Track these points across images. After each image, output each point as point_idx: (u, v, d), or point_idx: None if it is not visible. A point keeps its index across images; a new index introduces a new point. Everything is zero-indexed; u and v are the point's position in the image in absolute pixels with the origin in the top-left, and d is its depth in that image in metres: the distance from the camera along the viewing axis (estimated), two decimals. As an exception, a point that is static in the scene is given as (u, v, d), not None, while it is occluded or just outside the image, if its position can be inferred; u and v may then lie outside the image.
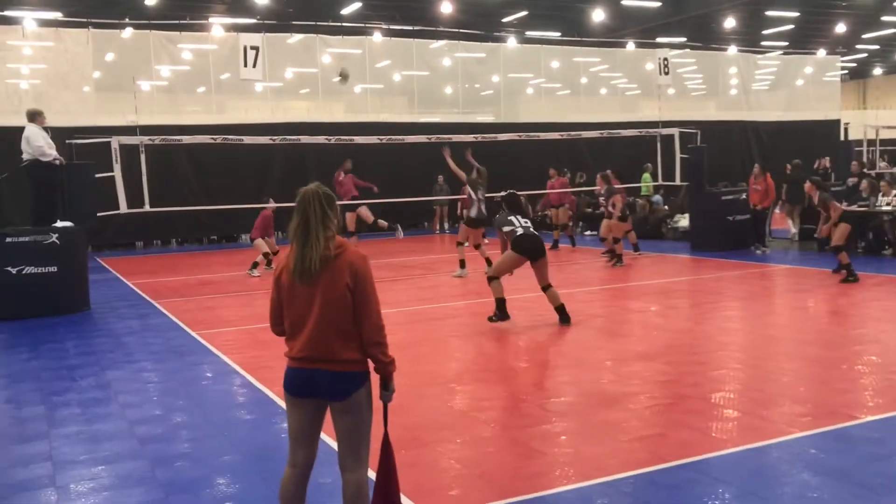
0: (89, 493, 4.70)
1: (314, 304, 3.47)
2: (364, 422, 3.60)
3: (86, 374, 7.58)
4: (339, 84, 14.10)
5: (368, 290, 3.50)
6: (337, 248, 3.49)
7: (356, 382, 3.54)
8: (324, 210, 3.52)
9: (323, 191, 3.58)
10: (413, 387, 6.83)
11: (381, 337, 3.53)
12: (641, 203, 20.07)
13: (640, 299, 10.88)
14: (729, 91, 29.85)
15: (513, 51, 26.03)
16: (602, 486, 4.51)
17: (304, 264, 3.46)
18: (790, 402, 5.99)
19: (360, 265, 3.51)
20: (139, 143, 13.73)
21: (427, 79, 24.89)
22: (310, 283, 3.47)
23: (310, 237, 3.47)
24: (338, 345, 3.48)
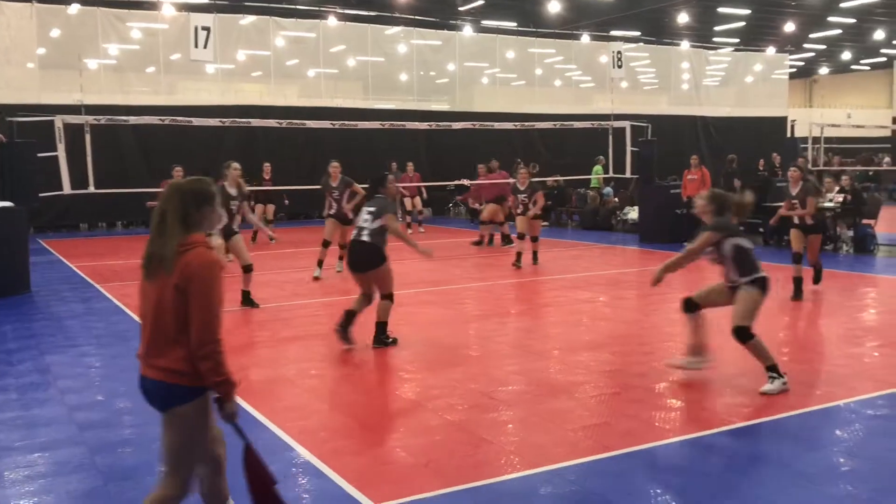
0: (24, 480, 4.58)
1: (151, 303, 3.28)
2: (182, 443, 3.31)
3: (24, 359, 7.39)
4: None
5: (201, 297, 3.17)
6: (182, 245, 3.23)
7: (176, 397, 3.25)
8: (184, 206, 3.28)
9: (191, 187, 3.36)
10: (362, 375, 6.81)
11: (210, 351, 3.16)
12: (592, 195, 20.26)
13: (588, 290, 10.99)
14: (681, 86, 30.28)
15: (469, 39, 26.01)
16: (547, 473, 4.54)
17: (151, 260, 3.28)
18: (732, 393, 6.11)
19: (195, 267, 3.19)
20: (84, 123, 13.40)
21: (382, 65, 24.74)
22: (154, 282, 3.26)
23: (163, 233, 3.26)
24: (164, 352, 3.23)
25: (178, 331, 3.21)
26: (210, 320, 3.19)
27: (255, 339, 8.19)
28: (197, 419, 3.29)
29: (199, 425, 3.31)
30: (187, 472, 3.38)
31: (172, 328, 3.21)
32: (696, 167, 15.87)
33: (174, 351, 3.22)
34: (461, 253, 15.19)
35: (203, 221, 3.35)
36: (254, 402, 5.95)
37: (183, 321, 3.20)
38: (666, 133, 21.67)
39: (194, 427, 3.30)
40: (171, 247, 3.22)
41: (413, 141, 22.96)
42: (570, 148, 23.94)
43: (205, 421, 3.33)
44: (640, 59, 28.74)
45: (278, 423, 5.49)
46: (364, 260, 7.30)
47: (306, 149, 21.22)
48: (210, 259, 3.25)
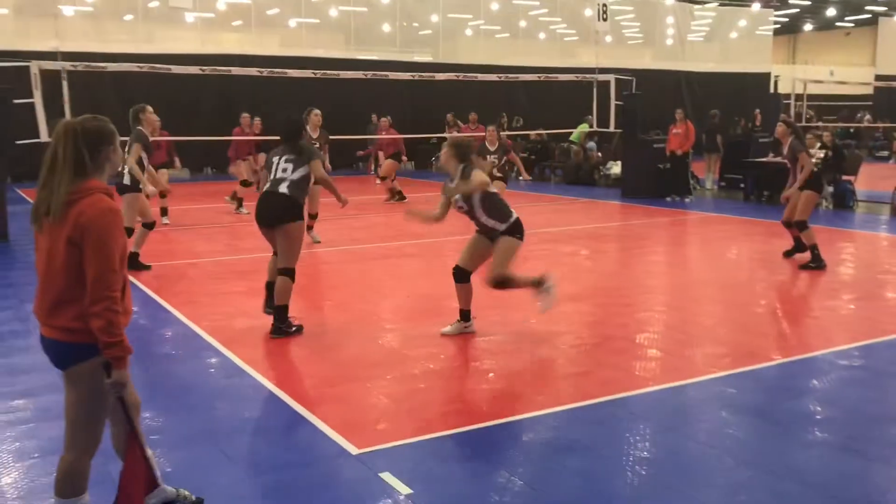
0: (6, 425, 4.58)
1: (42, 257, 3.04)
2: (84, 402, 3.08)
3: (4, 307, 7.35)
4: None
5: (96, 248, 2.91)
6: (74, 193, 2.95)
7: (76, 354, 3.02)
8: (77, 149, 2.98)
9: (84, 126, 3.03)
10: (345, 324, 6.83)
11: (104, 309, 2.88)
12: (575, 150, 20.22)
13: (571, 243, 11.03)
14: (665, 41, 30.09)
15: (453, -10, 25.63)
16: (529, 420, 4.61)
17: (39, 209, 3.00)
18: (711, 343, 6.19)
19: (90, 216, 2.92)
20: (61, 69, 13.14)
21: (364, 15, 24.37)
22: (42, 232, 3.02)
23: (53, 179, 2.97)
24: (57, 309, 2.99)
25: (72, 287, 2.96)
26: (105, 274, 2.92)
27: (236, 288, 8.17)
28: (95, 380, 3.04)
29: (99, 388, 3.05)
30: (86, 436, 3.14)
31: (66, 284, 2.97)
32: (681, 122, 15.86)
33: (70, 308, 2.98)
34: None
35: (103, 165, 3.08)
36: (236, 349, 5.97)
37: (77, 277, 2.95)
38: (650, 88, 21.59)
39: (96, 387, 3.05)
40: (60, 194, 2.94)
41: (396, 93, 22.73)
42: (553, 101, 23.82)
43: (102, 383, 3.06)
44: (625, 12, 28.48)
45: (261, 370, 5.52)
46: (277, 214, 6.30)
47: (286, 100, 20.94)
48: (107, 206, 2.98)
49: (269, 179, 6.43)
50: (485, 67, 22.71)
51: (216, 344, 6.16)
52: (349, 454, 4.15)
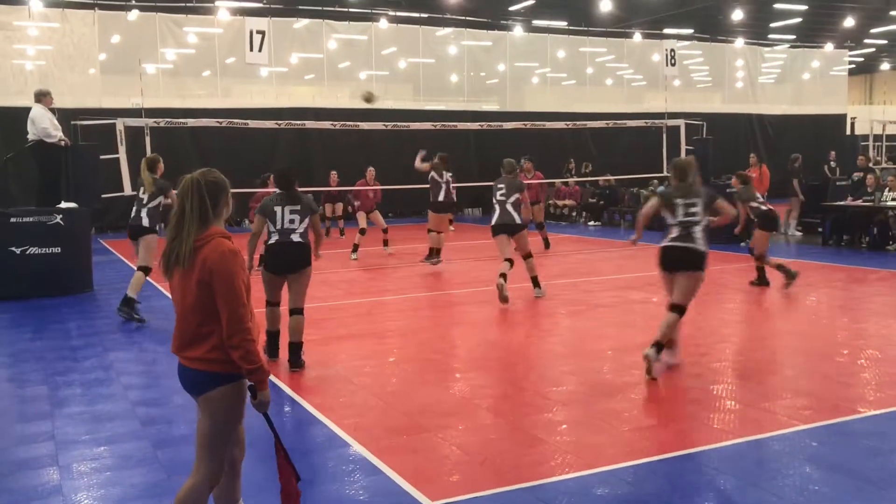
0: (92, 472, 4.72)
1: (177, 297, 3.38)
2: (213, 427, 3.39)
3: (89, 355, 7.60)
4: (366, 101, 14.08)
5: (225, 288, 3.23)
6: (199, 240, 3.29)
7: (208, 383, 3.34)
8: (202, 201, 3.32)
9: (207, 179, 3.37)
10: (416, 373, 6.84)
11: (240, 340, 3.22)
12: (646, 195, 20.01)
13: (641, 290, 10.87)
14: (735, 83, 29.75)
15: (519, 39, 25.94)
16: (603, 474, 4.52)
17: (170, 257, 3.33)
18: (792, 394, 5.99)
19: (214, 260, 3.25)
20: (144, 126, 13.73)
21: (433, 66, 24.82)
22: (178, 277, 3.34)
23: (181, 230, 3.31)
24: (193, 343, 3.33)
25: (204, 323, 3.29)
26: (237, 310, 3.24)
27: (309, 336, 8.28)
28: (230, 403, 3.37)
29: (232, 410, 3.39)
30: (218, 459, 3.44)
31: (200, 320, 3.29)
32: (755, 166, 15.58)
33: (204, 342, 3.30)
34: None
35: (222, 212, 3.41)
36: (309, 398, 6.04)
37: (209, 313, 3.27)
38: (720, 131, 21.31)
39: (228, 411, 3.38)
40: (189, 243, 3.28)
41: (464, 142, 23.00)
42: (622, 147, 23.72)
43: (238, 407, 3.41)
44: (693, 56, 28.32)
45: (334, 419, 5.56)
46: (296, 262, 6.78)
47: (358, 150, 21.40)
48: (227, 249, 3.29)
49: (277, 230, 6.78)
50: (552, 115, 22.82)
51: (288, 391, 6.25)
52: (422, 506, 4.13)
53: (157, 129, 14.78)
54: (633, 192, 20.79)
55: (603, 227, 20.19)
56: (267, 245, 6.89)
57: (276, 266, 6.85)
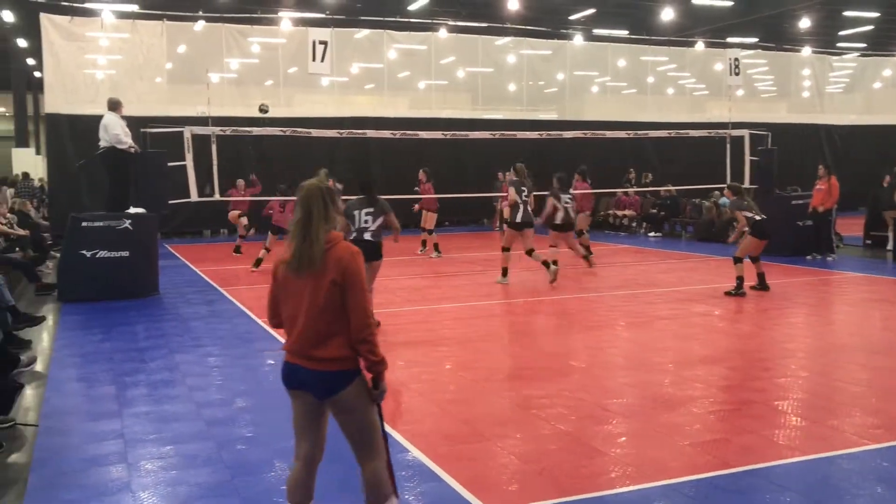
0: (159, 470, 4.85)
1: (304, 300, 3.46)
2: (363, 418, 3.56)
3: (155, 357, 7.81)
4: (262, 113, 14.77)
5: (356, 287, 3.44)
6: (327, 242, 3.47)
7: (341, 381, 3.48)
8: (325, 205, 3.51)
9: (326, 187, 3.59)
10: (473, 381, 6.85)
11: (368, 335, 3.44)
12: (708, 206, 19.72)
13: (703, 302, 10.70)
14: (801, 93, 29.06)
15: (579, 48, 25.77)
16: (664, 488, 4.46)
17: (301, 259, 3.45)
18: (861, 412, 5.82)
19: (348, 261, 3.45)
20: (211, 133, 14.04)
21: (491, 75, 24.84)
22: (303, 279, 3.46)
23: (309, 233, 3.46)
24: (323, 343, 3.45)
25: (336, 321, 3.45)
26: (365, 306, 3.46)
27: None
28: (362, 396, 3.53)
29: (366, 401, 3.55)
30: (377, 441, 3.61)
31: (332, 320, 3.44)
32: (824, 177, 15.14)
33: (335, 340, 3.45)
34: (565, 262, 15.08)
35: (335, 218, 3.59)
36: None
37: (338, 312, 3.44)
38: (786, 142, 20.84)
39: (364, 403, 3.55)
40: (320, 244, 3.45)
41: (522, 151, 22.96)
42: (683, 157, 23.37)
43: (368, 397, 3.56)
44: (758, 65, 27.74)
45: (392, 425, 5.59)
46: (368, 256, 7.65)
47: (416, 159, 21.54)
48: (355, 250, 3.52)
49: (354, 229, 8.09)
50: (612, 124, 22.60)
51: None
52: (481, 514, 4.14)
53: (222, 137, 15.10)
54: (695, 202, 20.48)
55: (664, 237, 19.93)
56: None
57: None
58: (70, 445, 5.32)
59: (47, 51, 19.30)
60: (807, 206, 15.36)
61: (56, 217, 18.34)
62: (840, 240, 16.41)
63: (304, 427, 3.63)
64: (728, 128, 17.91)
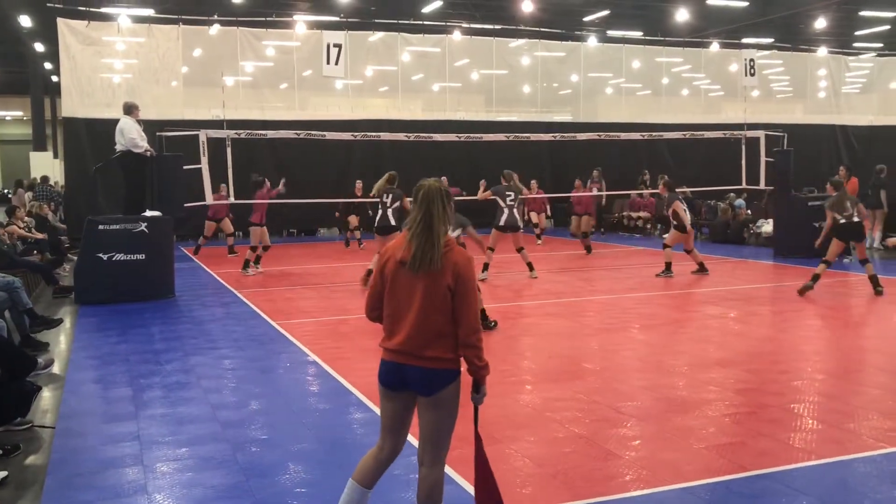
0: (174, 472, 4.87)
1: (415, 299, 3.51)
2: (447, 419, 3.62)
3: (171, 359, 7.85)
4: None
5: (468, 292, 3.50)
6: (444, 246, 3.52)
7: (445, 380, 3.55)
8: (445, 207, 3.57)
9: (444, 187, 3.63)
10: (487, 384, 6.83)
11: (477, 340, 3.50)
12: (724, 207, 19.62)
13: (719, 305, 10.64)
14: (817, 93, 28.84)
15: (593, 50, 25.71)
16: (679, 491, 4.44)
17: (424, 259, 3.48)
18: (878, 416, 5.77)
19: (463, 266, 3.51)
20: (226, 137, 14.11)
21: (505, 77, 24.82)
22: (417, 278, 3.50)
23: (431, 234, 3.50)
24: (432, 342, 3.50)
25: (447, 323, 3.50)
26: (476, 312, 3.52)
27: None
28: (456, 397, 3.62)
29: (456, 403, 3.63)
30: (446, 448, 3.67)
31: (443, 321, 3.49)
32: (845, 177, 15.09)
33: (443, 341, 3.51)
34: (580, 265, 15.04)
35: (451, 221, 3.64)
36: (383, 407, 6.09)
37: (450, 314, 3.49)
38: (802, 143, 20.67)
39: (454, 404, 3.62)
40: (440, 246, 3.49)
41: (537, 153, 22.94)
42: (698, 158, 23.26)
43: (457, 400, 3.63)
44: (774, 66, 27.57)
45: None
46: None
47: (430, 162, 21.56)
48: (470, 258, 3.58)
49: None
50: (626, 126, 22.55)
51: (364, 399, 6.33)
52: (494, 517, 4.13)
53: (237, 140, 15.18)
54: (711, 204, 20.37)
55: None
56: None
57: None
58: (87, 447, 5.35)
59: (64, 55, 19.46)
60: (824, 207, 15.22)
61: (73, 220, 18.50)
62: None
63: (394, 427, 3.71)
64: (743, 129, 17.83)
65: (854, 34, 31.27)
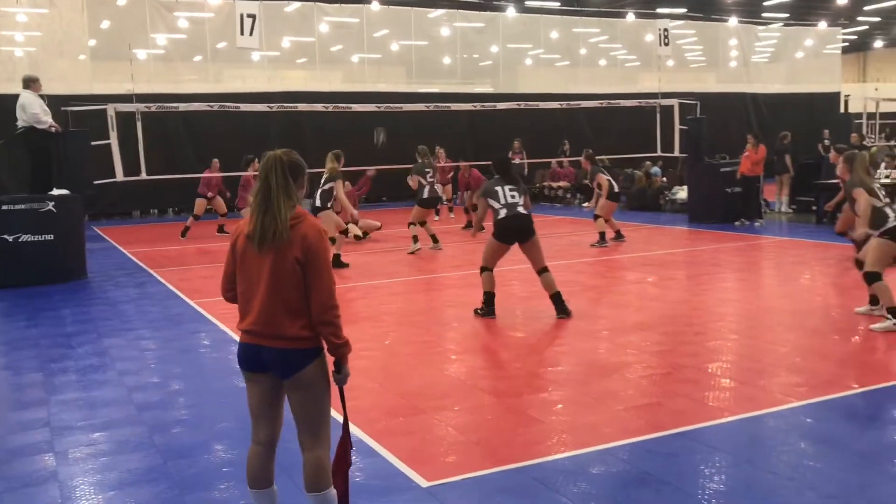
0: (87, 458, 4.72)
1: (263, 275, 3.32)
2: (317, 399, 3.44)
3: (83, 342, 7.59)
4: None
5: (320, 266, 3.30)
6: (293, 218, 3.32)
7: (303, 359, 3.37)
8: (286, 178, 3.34)
9: (288, 158, 3.40)
10: (411, 355, 6.85)
11: (332, 317, 3.32)
12: (639, 175, 20.02)
13: (636, 270, 10.88)
14: (729, 63, 29.67)
15: (512, 21, 25.79)
16: (599, 453, 4.53)
17: (265, 233, 3.30)
18: (786, 372, 6.01)
19: (312, 238, 3.31)
20: (135, 111, 13.64)
21: (425, 48, 24.68)
22: (263, 253, 3.32)
23: (271, 205, 3.31)
24: (284, 321, 3.32)
25: (300, 300, 3.31)
26: (330, 286, 3.33)
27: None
28: (323, 376, 3.44)
29: (325, 382, 3.46)
30: (325, 428, 3.49)
31: (295, 298, 3.31)
32: (752, 146, 15.55)
33: (300, 319, 3.33)
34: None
35: (302, 191, 3.46)
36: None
37: (301, 291, 3.31)
38: (714, 111, 21.28)
39: (322, 384, 3.45)
40: (283, 219, 3.29)
41: (458, 124, 22.93)
42: (616, 128, 23.67)
43: (326, 379, 3.46)
44: (687, 36, 28.20)
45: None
46: (530, 229, 8.08)
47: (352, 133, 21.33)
48: (321, 230, 3.38)
49: (504, 204, 7.90)
50: (546, 96, 22.76)
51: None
52: (419, 487, 4.15)
53: (149, 115, 14.69)
54: (628, 172, 20.77)
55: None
56: (497, 220, 7.93)
57: (512, 235, 8.00)
58: (-7, 436, 5.13)
59: (-40, 27, 18.44)
60: (735, 173, 15.72)
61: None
62: (767, 206, 16.90)
63: (263, 411, 3.51)
64: (658, 98, 18.18)
65: (762, 4, 32.19)
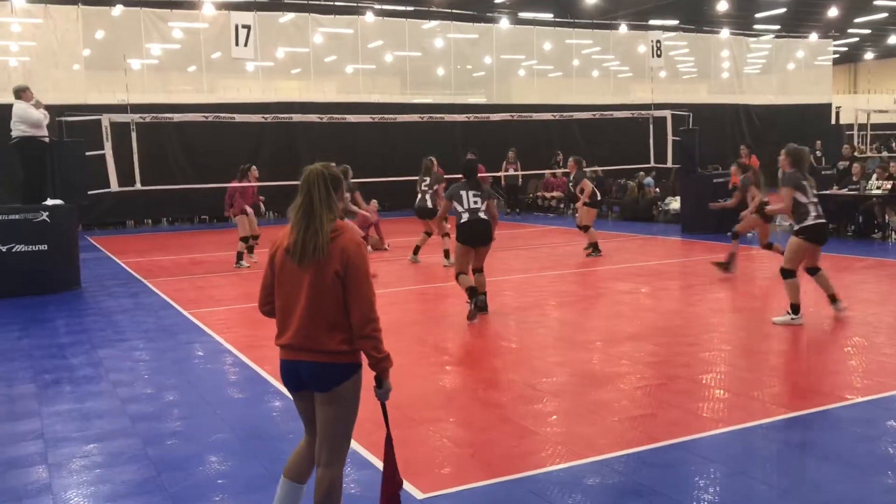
0: (81, 470, 4.70)
1: (302, 290, 3.29)
2: (345, 417, 3.41)
3: (77, 353, 7.57)
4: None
5: (360, 279, 3.28)
6: (332, 231, 3.30)
7: (341, 375, 3.34)
8: (329, 191, 3.33)
9: (329, 171, 3.39)
10: (405, 366, 6.83)
11: (372, 330, 3.29)
12: (632, 186, 20.10)
13: (630, 281, 10.91)
14: (721, 74, 29.86)
15: (505, 32, 25.92)
16: (594, 464, 4.54)
17: (305, 248, 3.27)
18: (780, 383, 6.03)
19: (352, 252, 3.28)
20: (130, 121, 13.65)
21: (419, 59, 24.78)
22: (303, 268, 3.29)
23: (313, 220, 3.29)
24: (323, 335, 3.29)
25: (340, 314, 3.29)
26: (370, 300, 3.30)
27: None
28: (355, 394, 3.41)
29: (357, 400, 3.43)
30: (345, 446, 3.47)
31: (334, 312, 3.29)
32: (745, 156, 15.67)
33: (337, 333, 3.30)
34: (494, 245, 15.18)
35: (341, 205, 3.45)
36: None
37: (341, 305, 3.29)
38: (707, 122, 21.40)
39: (353, 401, 3.41)
40: (324, 233, 3.28)
41: (451, 135, 22.99)
42: (608, 138, 23.78)
43: (357, 396, 3.43)
44: (679, 47, 28.40)
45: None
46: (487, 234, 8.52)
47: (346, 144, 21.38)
48: (360, 243, 3.37)
49: (467, 209, 8.29)
50: (539, 107, 22.88)
51: (281, 388, 6.23)
52: (415, 499, 4.15)
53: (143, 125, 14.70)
54: (621, 182, 20.85)
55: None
56: (459, 224, 8.37)
57: (470, 238, 8.37)
58: (-13, 448, 5.11)
59: (-46, 37, 18.44)
60: (727, 184, 15.77)
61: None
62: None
63: (311, 418, 3.51)
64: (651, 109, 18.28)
65: (754, 16, 32.43)
